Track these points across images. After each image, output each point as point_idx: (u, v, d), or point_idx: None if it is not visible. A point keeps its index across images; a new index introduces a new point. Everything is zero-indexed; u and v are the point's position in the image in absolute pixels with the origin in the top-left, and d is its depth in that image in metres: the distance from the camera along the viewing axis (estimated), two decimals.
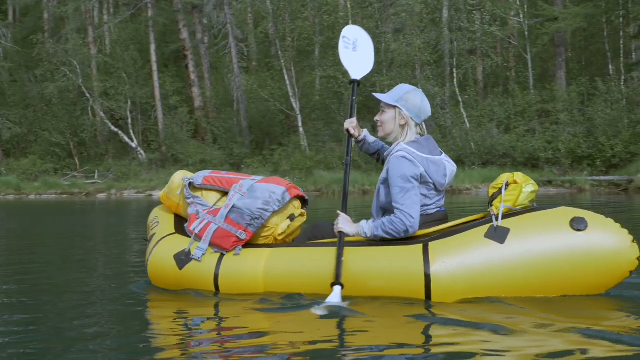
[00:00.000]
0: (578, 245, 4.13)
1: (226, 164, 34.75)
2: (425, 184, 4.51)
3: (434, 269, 4.21)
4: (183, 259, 4.86)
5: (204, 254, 4.82)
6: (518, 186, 4.39)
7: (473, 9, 33.88)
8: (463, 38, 32.83)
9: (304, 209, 5.11)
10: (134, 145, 38.35)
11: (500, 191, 4.42)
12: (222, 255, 4.79)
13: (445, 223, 4.59)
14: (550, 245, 4.15)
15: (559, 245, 4.15)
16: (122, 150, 39.19)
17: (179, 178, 5.23)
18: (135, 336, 3.86)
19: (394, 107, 4.68)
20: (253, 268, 4.69)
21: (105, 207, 22.79)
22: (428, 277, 4.22)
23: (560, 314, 3.93)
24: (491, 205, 4.43)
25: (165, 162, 36.32)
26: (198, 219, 4.94)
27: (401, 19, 32.19)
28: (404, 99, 4.65)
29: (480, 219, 4.52)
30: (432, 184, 4.54)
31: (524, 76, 34.66)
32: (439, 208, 4.65)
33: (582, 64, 35.80)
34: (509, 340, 3.49)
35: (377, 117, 4.79)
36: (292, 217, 4.95)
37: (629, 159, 26.87)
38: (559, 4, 32.56)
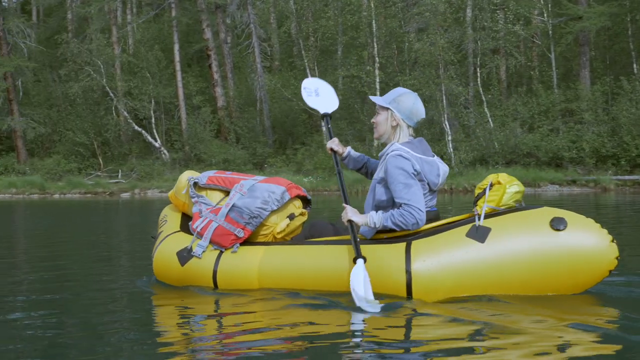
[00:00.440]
0: (557, 245, 4.16)
1: (249, 164, 34.89)
2: (420, 183, 4.60)
3: (415, 267, 4.26)
4: (185, 255, 5.05)
5: (204, 251, 5.01)
6: (502, 187, 4.45)
7: (497, 8, 33.77)
8: (487, 37, 32.72)
9: (307, 209, 5.25)
10: (157, 144, 38.50)
11: (485, 191, 4.49)
12: (221, 252, 4.98)
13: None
14: (529, 245, 4.19)
15: (539, 244, 4.19)
16: (146, 149, 39.34)
17: (185, 178, 5.40)
18: (135, 333, 3.96)
19: (387, 109, 4.81)
20: (248, 265, 4.85)
21: (129, 206, 22.91)
22: (409, 275, 4.27)
23: (543, 312, 3.97)
24: (475, 205, 4.51)
25: (188, 162, 36.39)
26: (201, 217, 5.11)
27: (425, 18, 32.12)
28: (396, 101, 4.78)
29: (465, 219, 4.55)
30: (427, 184, 4.64)
31: (548, 75, 34.55)
32: (429, 208, 4.72)
33: (607, 63, 35.58)
34: (491, 339, 3.52)
35: (373, 119, 4.93)
36: (292, 216, 5.09)
37: None
38: (583, 3, 32.40)
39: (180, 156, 37.61)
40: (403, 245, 4.37)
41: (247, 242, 5.02)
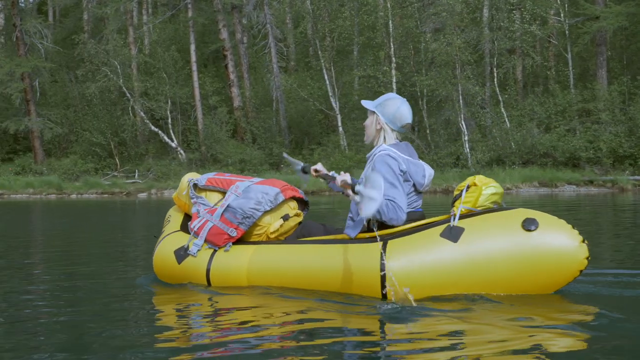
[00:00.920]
0: (528, 245, 4.20)
1: (265, 164, 34.99)
2: (406, 183, 4.70)
3: (389, 266, 4.31)
4: (182, 254, 5.22)
5: (199, 250, 5.17)
6: (477, 188, 4.54)
7: (513, 8, 33.75)
8: (503, 37, 32.70)
9: (304, 210, 5.42)
10: (174, 145, 38.65)
11: (461, 193, 4.59)
12: (215, 251, 5.13)
13: None
14: (501, 245, 4.23)
15: (510, 244, 4.22)
16: (162, 150, 39.51)
17: (186, 180, 5.58)
18: (136, 330, 4.03)
19: (374, 113, 4.94)
20: (238, 263, 5.00)
21: (145, 206, 23.01)
22: (383, 275, 4.33)
23: (515, 310, 4.03)
24: (453, 206, 4.58)
25: (204, 162, 36.53)
26: (199, 217, 5.27)
27: (441, 18, 32.14)
28: (382, 105, 4.89)
29: (442, 220, 4.60)
30: (413, 184, 4.75)
31: (565, 75, 34.47)
32: (413, 209, 4.80)
33: (624, 62, 35.44)
34: (466, 337, 3.58)
35: (364, 122, 5.07)
36: (287, 217, 5.22)
37: None
38: (600, 3, 32.34)
39: (196, 156, 37.72)
40: (380, 244, 4.42)
41: (240, 241, 5.18)
